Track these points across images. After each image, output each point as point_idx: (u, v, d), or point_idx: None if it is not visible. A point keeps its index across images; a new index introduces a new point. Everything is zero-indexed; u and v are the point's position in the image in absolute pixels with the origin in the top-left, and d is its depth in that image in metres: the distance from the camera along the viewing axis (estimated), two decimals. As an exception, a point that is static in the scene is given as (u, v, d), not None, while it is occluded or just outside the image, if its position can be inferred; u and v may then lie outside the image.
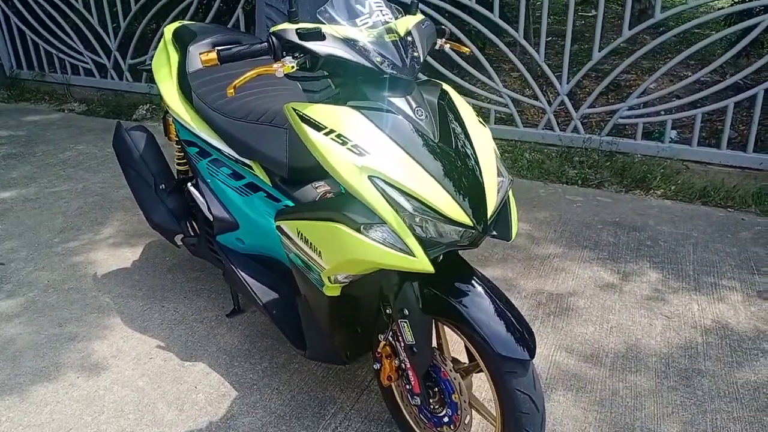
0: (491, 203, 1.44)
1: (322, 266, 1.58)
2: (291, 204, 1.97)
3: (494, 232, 1.55)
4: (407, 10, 1.64)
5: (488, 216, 1.43)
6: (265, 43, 1.46)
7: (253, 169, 2.03)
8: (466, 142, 1.49)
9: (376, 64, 1.46)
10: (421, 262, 1.39)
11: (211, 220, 2.12)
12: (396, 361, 1.69)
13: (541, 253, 2.93)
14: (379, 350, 1.69)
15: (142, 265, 2.83)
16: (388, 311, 1.65)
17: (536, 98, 4.03)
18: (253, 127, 2.00)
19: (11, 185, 3.70)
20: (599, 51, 3.75)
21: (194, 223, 2.40)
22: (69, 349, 2.26)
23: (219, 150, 2.10)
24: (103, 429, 1.91)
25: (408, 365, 1.64)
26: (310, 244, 1.59)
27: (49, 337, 2.33)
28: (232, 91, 1.44)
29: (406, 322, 1.56)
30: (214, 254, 2.24)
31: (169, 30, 2.41)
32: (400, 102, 1.47)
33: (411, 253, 1.38)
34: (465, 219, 1.39)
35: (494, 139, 1.60)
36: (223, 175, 2.11)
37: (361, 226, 1.42)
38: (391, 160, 1.39)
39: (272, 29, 1.47)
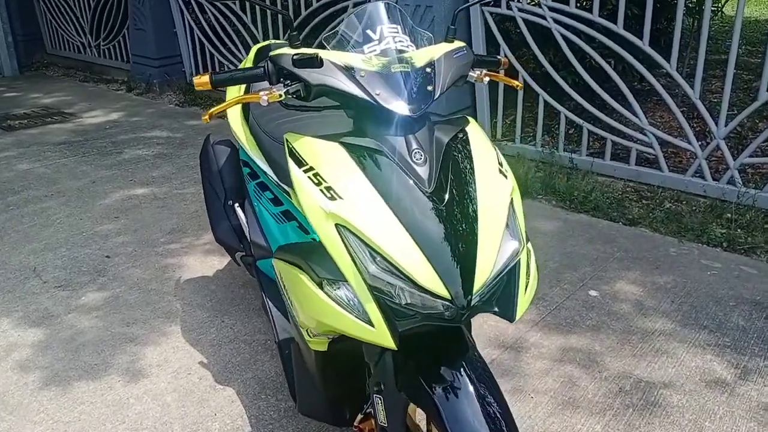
0: (482, 273, 1.18)
1: (296, 316, 1.43)
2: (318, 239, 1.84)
3: (495, 309, 1.28)
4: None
5: (474, 289, 1.17)
6: (262, 68, 1.36)
7: (290, 197, 1.94)
8: (468, 195, 1.25)
9: (374, 97, 1.28)
10: (380, 336, 1.18)
11: (249, 243, 2.07)
12: None
13: (645, 327, 2.48)
14: (356, 423, 1.49)
15: (221, 276, 2.89)
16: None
17: (686, 139, 3.47)
18: None
19: (148, 183, 4.04)
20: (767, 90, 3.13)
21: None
22: (124, 350, 2.36)
23: (265, 173, 2.04)
24: (117, 440, 1.94)
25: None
26: (285, 288, 1.45)
27: (114, 335, 2.45)
28: (206, 118, 1.35)
29: (380, 398, 1.35)
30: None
31: (254, 49, 2.41)
32: (397, 141, 1.28)
33: (370, 322, 1.18)
34: (440, 289, 1.15)
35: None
36: (265, 199, 2.05)
37: (324, 281, 1.24)
38: (365, 208, 1.20)
39: (271, 53, 1.36)
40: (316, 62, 1.28)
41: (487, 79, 1.51)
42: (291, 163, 1.30)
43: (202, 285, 2.82)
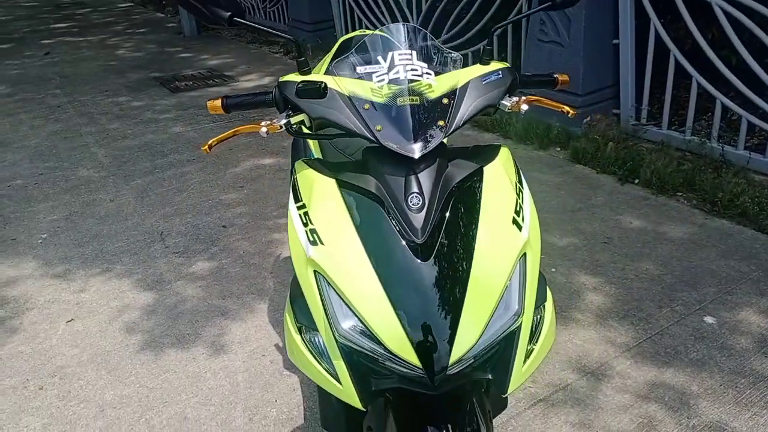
0: (462, 345, 1.07)
1: None
2: None
3: (488, 377, 1.17)
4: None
5: (451, 361, 1.06)
6: (270, 94, 1.32)
7: None
8: (463, 250, 1.12)
9: (374, 132, 1.19)
10: (347, 394, 1.13)
11: None
12: None
13: (762, 371, 2.13)
14: None
15: (317, 257, 2.97)
16: None
17: None
18: None
19: (278, 152, 4.23)
20: None
21: None
22: (214, 323, 2.53)
23: None
24: (187, 412, 2.10)
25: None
26: None
27: (209, 307, 2.64)
28: (206, 148, 1.35)
29: (370, 442, 1.30)
30: None
31: (341, 39, 2.36)
32: (395, 183, 1.18)
33: (338, 378, 1.13)
34: (411, 357, 1.06)
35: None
36: None
37: (303, 327, 1.21)
38: (344, 258, 1.13)
39: (281, 78, 1.32)
40: (319, 91, 1.21)
41: (525, 107, 1.32)
42: (290, 197, 1.26)
43: (298, 264, 2.92)
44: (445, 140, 1.27)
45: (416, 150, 1.16)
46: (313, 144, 1.99)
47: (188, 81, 6.11)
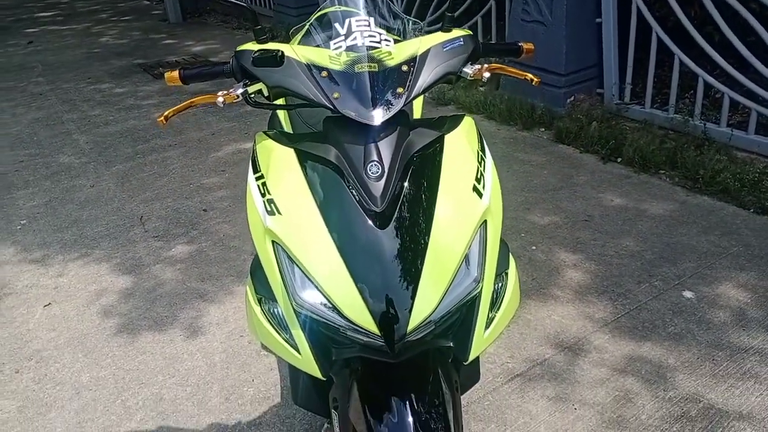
0: (420, 312, 1.05)
1: None
2: None
3: (449, 344, 1.16)
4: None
5: (409, 328, 1.05)
6: (228, 64, 1.29)
7: None
8: (422, 218, 1.10)
9: (332, 100, 1.16)
10: (306, 363, 1.12)
11: None
12: None
13: (739, 343, 2.13)
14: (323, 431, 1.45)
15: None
16: None
17: None
18: None
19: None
20: None
21: None
22: (192, 306, 2.51)
23: None
24: (163, 393, 2.09)
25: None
26: None
27: (188, 289, 2.62)
28: (162, 120, 1.32)
29: (336, 413, 1.29)
30: None
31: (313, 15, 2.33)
32: (354, 151, 1.15)
33: (297, 348, 1.12)
34: (369, 324, 1.05)
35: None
36: None
37: (263, 298, 1.20)
38: (301, 227, 1.11)
39: (237, 48, 1.29)
40: (276, 60, 1.19)
41: (487, 74, 1.29)
42: (249, 168, 1.24)
43: (279, 246, 2.90)
44: (408, 110, 1.24)
45: (375, 117, 1.14)
46: (283, 120, 1.97)
47: (174, 67, 6.05)
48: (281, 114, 2.04)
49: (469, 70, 1.28)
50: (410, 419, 1.12)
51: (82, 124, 4.63)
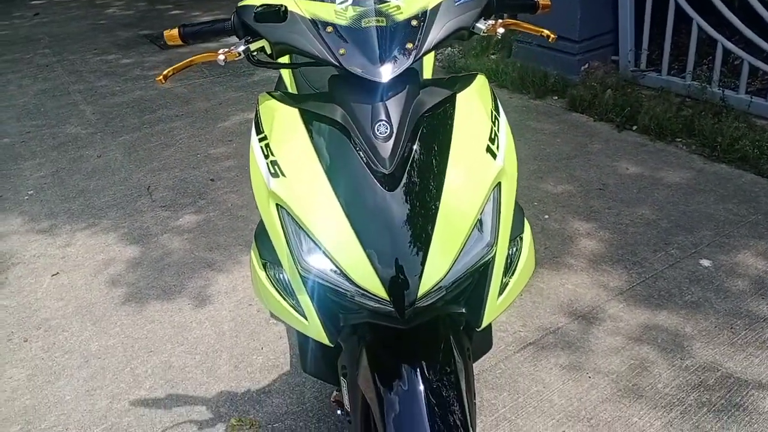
0: (430, 277, 1.00)
1: None
2: None
3: (461, 310, 1.12)
4: None
5: (419, 294, 1.01)
6: (229, 21, 1.23)
7: None
8: (433, 180, 1.05)
9: (337, 57, 1.10)
10: (313, 329, 1.08)
11: None
12: None
13: (758, 312, 2.08)
14: (332, 398, 1.42)
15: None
16: None
17: None
18: None
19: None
20: None
21: None
22: (199, 275, 2.49)
23: None
24: (172, 361, 2.07)
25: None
26: None
27: (196, 259, 2.59)
28: (161, 78, 1.26)
29: (345, 381, 1.26)
30: None
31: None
32: (362, 110, 1.09)
33: (304, 314, 1.08)
34: (377, 290, 1.00)
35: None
36: None
37: (268, 263, 1.15)
38: (307, 190, 1.05)
39: (239, 3, 1.23)
40: (279, 15, 1.13)
41: (501, 30, 1.21)
42: (252, 129, 1.19)
43: (287, 215, 2.86)
44: (418, 69, 1.18)
45: (382, 74, 1.07)
46: (289, 82, 1.91)
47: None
48: (287, 78, 1.98)
49: (482, 25, 1.20)
50: (421, 387, 1.08)
51: (88, 95, 4.58)
